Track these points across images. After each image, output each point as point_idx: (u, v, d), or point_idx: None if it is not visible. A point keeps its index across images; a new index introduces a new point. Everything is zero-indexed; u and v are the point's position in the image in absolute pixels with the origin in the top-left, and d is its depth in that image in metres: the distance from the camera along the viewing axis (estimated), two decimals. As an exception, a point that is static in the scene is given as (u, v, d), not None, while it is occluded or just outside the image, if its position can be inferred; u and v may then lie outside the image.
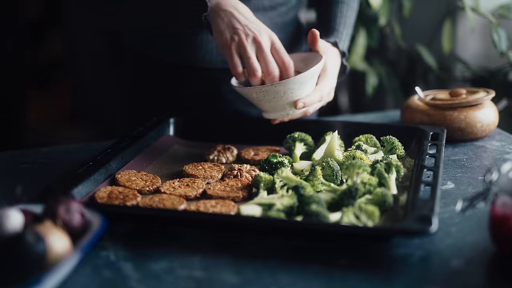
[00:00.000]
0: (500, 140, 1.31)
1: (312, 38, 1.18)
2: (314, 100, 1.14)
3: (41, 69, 3.70)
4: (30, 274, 0.75)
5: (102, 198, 1.01)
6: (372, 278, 0.82)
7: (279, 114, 1.15)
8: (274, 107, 1.14)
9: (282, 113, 1.15)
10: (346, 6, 1.36)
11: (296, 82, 1.10)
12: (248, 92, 1.14)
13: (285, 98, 1.12)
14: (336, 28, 1.31)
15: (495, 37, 1.85)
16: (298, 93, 1.12)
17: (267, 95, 1.11)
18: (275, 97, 1.12)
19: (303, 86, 1.11)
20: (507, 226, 0.84)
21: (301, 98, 1.12)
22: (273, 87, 1.10)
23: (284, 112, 1.15)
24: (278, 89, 1.10)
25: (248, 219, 0.94)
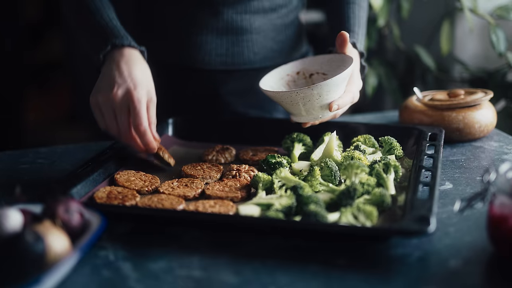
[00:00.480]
0: (498, 141, 1.31)
1: (342, 40, 1.18)
2: (347, 101, 1.14)
3: (39, 70, 3.70)
4: (29, 273, 0.75)
5: (101, 198, 1.01)
6: (370, 278, 0.83)
7: (311, 117, 1.14)
8: (307, 110, 1.13)
9: (314, 116, 1.14)
10: (358, 7, 1.35)
11: (332, 84, 1.09)
12: (281, 96, 1.12)
13: (320, 101, 1.11)
14: (352, 29, 1.31)
15: (493, 38, 1.86)
16: (332, 96, 1.11)
17: (301, 98, 1.10)
18: (310, 100, 1.10)
19: (337, 88, 1.11)
20: (505, 226, 0.84)
21: (334, 100, 1.12)
22: (309, 90, 1.09)
23: (316, 115, 1.14)
24: (315, 92, 1.09)
25: (247, 219, 0.94)
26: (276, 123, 1.32)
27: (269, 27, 1.40)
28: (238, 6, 1.35)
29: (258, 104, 1.47)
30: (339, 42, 1.19)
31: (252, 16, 1.37)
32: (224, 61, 1.39)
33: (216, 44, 1.38)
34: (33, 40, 3.61)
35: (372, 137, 1.20)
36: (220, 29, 1.36)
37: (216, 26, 1.36)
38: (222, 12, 1.34)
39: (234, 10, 1.35)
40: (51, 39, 3.70)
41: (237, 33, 1.38)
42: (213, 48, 1.38)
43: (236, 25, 1.37)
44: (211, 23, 1.36)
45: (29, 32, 3.51)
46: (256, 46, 1.40)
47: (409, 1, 2.09)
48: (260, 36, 1.39)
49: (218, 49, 1.38)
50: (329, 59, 1.22)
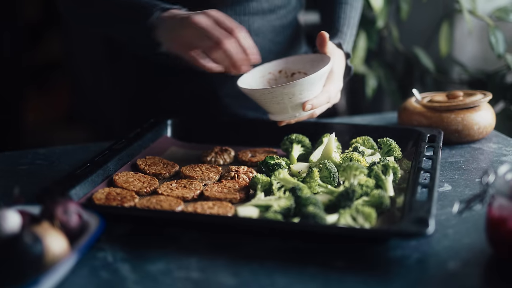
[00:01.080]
0: (497, 142, 1.31)
1: (321, 40, 1.18)
2: (322, 101, 1.14)
3: (39, 70, 3.70)
4: (28, 275, 0.75)
5: (100, 199, 1.01)
6: (369, 280, 0.83)
7: (286, 116, 1.15)
8: (282, 109, 1.13)
9: (289, 115, 1.14)
10: (350, 7, 1.35)
11: (304, 83, 1.09)
12: (255, 93, 1.13)
13: (293, 100, 1.11)
14: (340, 29, 1.31)
15: (492, 40, 1.86)
16: (306, 95, 1.11)
17: (275, 96, 1.11)
18: (283, 98, 1.11)
19: (312, 87, 1.11)
20: (504, 228, 0.84)
21: (309, 99, 1.12)
22: (281, 89, 1.09)
23: (291, 114, 1.14)
24: (287, 91, 1.09)
25: (245, 220, 0.94)
26: (274, 125, 1.32)
27: (268, 28, 1.40)
28: (237, 8, 1.35)
29: (257, 106, 1.47)
30: (319, 42, 1.19)
31: (251, 18, 1.37)
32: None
33: None
34: (32, 41, 3.61)
35: (371, 138, 1.20)
36: None
37: None
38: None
39: (232, 12, 1.35)
40: (50, 40, 3.70)
41: None
42: None
43: None
44: None
45: (28, 33, 3.52)
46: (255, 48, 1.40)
47: (408, 2, 2.09)
48: (258, 38, 1.39)
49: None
50: (311, 58, 1.22)
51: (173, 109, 1.41)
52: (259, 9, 1.37)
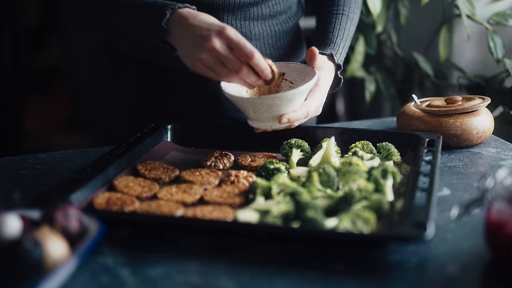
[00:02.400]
0: (495, 147, 1.31)
1: (310, 55, 1.19)
2: (300, 116, 1.14)
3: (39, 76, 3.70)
4: (28, 279, 0.75)
5: (100, 204, 1.01)
6: (368, 284, 0.83)
7: (262, 124, 1.16)
8: (259, 117, 1.14)
9: (265, 124, 1.15)
10: (346, 18, 1.36)
11: (283, 98, 1.10)
12: (235, 100, 1.15)
13: (270, 112, 1.12)
14: (333, 41, 1.31)
15: (491, 44, 1.87)
16: (284, 108, 1.12)
17: (253, 106, 1.12)
18: (261, 109, 1.12)
19: (290, 102, 1.11)
20: (503, 232, 0.84)
21: (286, 113, 1.12)
22: (259, 100, 1.10)
23: (268, 124, 1.15)
24: (265, 103, 1.10)
25: (245, 225, 0.95)
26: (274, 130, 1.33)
27: (269, 33, 1.40)
28: (238, 13, 1.35)
29: None
30: (308, 57, 1.19)
31: (252, 23, 1.38)
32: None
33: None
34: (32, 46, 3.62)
35: (370, 143, 1.20)
36: None
37: None
38: (222, 18, 1.35)
39: (234, 17, 1.35)
40: (50, 45, 3.71)
41: None
42: None
43: None
44: None
45: (28, 38, 3.52)
46: None
47: (407, 7, 2.09)
48: (259, 43, 1.40)
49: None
50: (300, 68, 1.21)
51: (174, 114, 1.41)
52: (259, 15, 1.37)
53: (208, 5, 1.32)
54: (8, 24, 3.18)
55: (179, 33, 1.14)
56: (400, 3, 2.09)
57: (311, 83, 1.13)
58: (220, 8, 1.33)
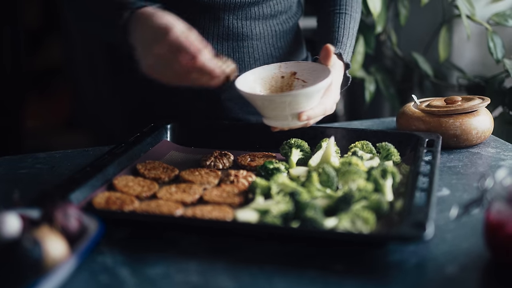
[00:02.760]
0: (495, 147, 1.32)
1: (326, 53, 1.19)
2: (318, 113, 1.15)
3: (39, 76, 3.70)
4: (27, 279, 0.75)
5: (100, 203, 1.01)
6: (368, 284, 0.83)
7: (280, 123, 1.15)
8: (277, 116, 1.14)
9: (283, 122, 1.14)
10: (349, 17, 1.36)
11: (303, 95, 1.09)
12: (253, 98, 1.14)
13: (290, 109, 1.11)
14: (340, 40, 1.31)
15: (490, 45, 1.87)
16: (303, 106, 1.11)
17: (272, 104, 1.11)
18: (280, 106, 1.11)
19: (309, 99, 1.11)
20: (502, 232, 0.84)
21: (305, 111, 1.12)
22: (279, 97, 1.10)
23: (286, 122, 1.14)
24: (284, 100, 1.10)
25: (244, 225, 0.95)
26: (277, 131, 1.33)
27: (269, 33, 1.41)
28: (239, 12, 1.36)
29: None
30: (323, 55, 1.19)
31: (253, 22, 1.38)
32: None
33: (217, 50, 1.38)
34: (32, 46, 3.62)
35: (370, 143, 1.21)
36: (221, 35, 1.37)
37: (217, 32, 1.37)
38: (223, 18, 1.35)
39: (234, 16, 1.36)
40: (50, 45, 3.71)
41: (238, 39, 1.38)
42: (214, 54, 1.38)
43: (237, 31, 1.37)
44: (212, 29, 1.36)
45: (28, 38, 3.52)
46: (257, 52, 1.41)
47: (407, 8, 2.09)
48: (260, 42, 1.40)
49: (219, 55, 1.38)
50: (311, 67, 1.21)
51: (175, 112, 1.41)
52: (260, 14, 1.37)
53: (208, 4, 1.32)
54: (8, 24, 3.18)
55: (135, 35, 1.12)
56: (400, 3, 2.09)
57: (329, 79, 1.12)
58: (220, 8, 1.34)
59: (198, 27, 1.37)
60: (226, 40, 1.38)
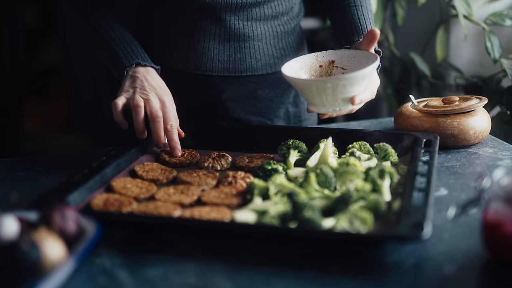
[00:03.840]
0: (493, 147, 1.32)
1: (372, 37, 1.18)
2: (368, 97, 1.15)
3: (37, 77, 3.70)
4: (25, 281, 0.75)
5: (98, 205, 1.01)
6: (365, 284, 0.83)
7: (330, 109, 1.13)
8: (327, 101, 1.12)
9: (333, 108, 1.13)
10: (366, 9, 1.36)
11: (356, 77, 1.08)
12: (305, 83, 1.12)
13: (342, 93, 1.10)
14: (364, 29, 1.31)
15: (488, 45, 1.87)
16: (355, 89, 1.10)
17: (326, 88, 1.09)
18: (334, 91, 1.09)
19: (361, 82, 1.10)
20: (500, 232, 0.84)
21: (358, 94, 1.11)
22: (335, 80, 1.08)
23: (335, 107, 1.13)
24: (338, 83, 1.08)
25: (242, 226, 0.95)
26: (272, 130, 1.33)
27: (271, 34, 1.41)
28: (241, 13, 1.36)
29: (259, 110, 1.48)
30: (369, 39, 1.18)
31: (254, 23, 1.38)
32: (226, 68, 1.40)
33: (218, 50, 1.39)
34: (31, 48, 3.62)
35: (368, 143, 1.21)
36: (223, 36, 1.37)
37: (218, 33, 1.37)
38: (224, 19, 1.35)
39: (236, 17, 1.36)
40: (49, 47, 3.71)
41: (240, 40, 1.38)
42: (216, 55, 1.38)
43: (239, 32, 1.37)
44: (214, 30, 1.37)
45: (27, 40, 3.52)
46: (258, 53, 1.41)
47: (404, 8, 2.10)
48: (262, 43, 1.40)
49: (220, 56, 1.39)
50: (350, 54, 1.21)
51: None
52: (261, 15, 1.38)
53: (210, 5, 1.33)
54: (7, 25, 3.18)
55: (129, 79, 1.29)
56: (397, 3, 2.09)
57: (377, 63, 1.12)
58: (222, 8, 1.34)
59: (199, 28, 1.37)
60: (228, 40, 1.38)
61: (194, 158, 1.23)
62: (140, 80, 1.27)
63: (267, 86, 1.46)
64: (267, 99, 1.47)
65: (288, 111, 1.52)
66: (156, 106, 1.23)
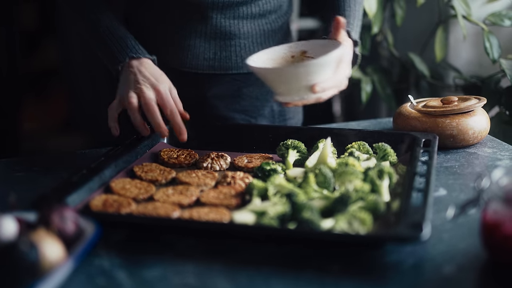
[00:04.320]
0: (491, 147, 1.32)
1: (337, 23, 1.18)
2: (331, 85, 1.14)
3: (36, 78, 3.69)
4: (24, 282, 0.75)
5: (97, 206, 1.01)
6: (365, 285, 0.83)
7: (292, 97, 1.13)
8: (290, 90, 1.12)
9: (297, 97, 1.13)
10: (354, 1, 1.36)
11: (316, 65, 1.08)
12: (266, 72, 1.13)
13: (303, 81, 1.10)
14: (347, 20, 1.31)
15: (486, 45, 1.87)
16: (316, 77, 1.10)
17: (284, 76, 1.10)
18: (294, 79, 1.10)
19: (322, 70, 1.10)
20: (499, 232, 0.84)
21: (318, 82, 1.11)
22: (293, 69, 1.09)
23: (299, 96, 1.13)
24: (298, 71, 1.09)
25: (241, 227, 0.95)
26: (271, 130, 1.33)
27: (258, 32, 1.41)
28: (227, 11, 1.36)
29: (244, 109, 1.47)
30: (334, 26, 1.19)
31: (241, 21, 1.38)
32: (212, 65, 1.40)
33: (204, 48, 1.39)
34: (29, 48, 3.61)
35: (366, 143, 1.21)
36: (209, 34, 1.37)
37: (204, 31, 1.37)
38: (211, 17, 1.35)
39: (222, 15, 1.36)
40: (47, 47, 3.70)
41: (225, 38, 1.38)
42: (201, 52, 1.38)
43: (225, 30, 1.37)
44: (200, 28, 1.37)
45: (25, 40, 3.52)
46: (244, 51, 1.41)
47: (403, 8, 2.10)
48: (248, 41, 1.40)
49: (206, 53, 1.39)
50: (321, 44, 1.21)
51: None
52: (249, 14, 1.37)
53: (196, 3, 1.32)
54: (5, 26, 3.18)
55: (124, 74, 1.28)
56: (396, 3, 2.09)
57: (340, 50, 1.12)
58: (208, 7, 1.34)
59: (185, 26, 1.37)
60: (214, 38, 1.38)
61: (193, 158, 1.23)
62: (133, 74, 1.25)
63: (252, 85, 1.46)
64: (252, 97, 1.47)
65: (273, 109, 1.51)
66: (148, 96, 1.21)
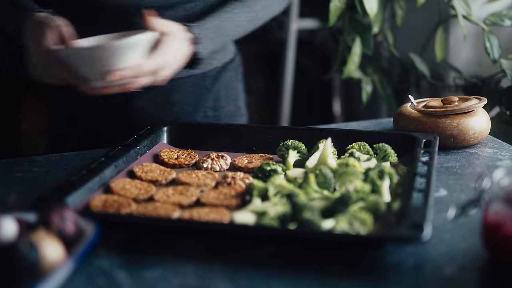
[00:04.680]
0: (492, 147, 1.32)
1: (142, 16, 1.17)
2: (127, 74, 1.12)
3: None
4: (23, 283, 0.75)
5: (97, 206, 1.01)
6: (365, 285, 0.83)
7: (98, 83, 1.13)
8: (92, 74, 1.12)
9: (99, 82, 1.13)
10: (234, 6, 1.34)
11: (106, 49, 1.08)
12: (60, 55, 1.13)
13: (101, 66, 1.10)
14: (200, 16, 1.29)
15: (487, 45, 1.87)
16: (112, 63, 1.10)
17: (78, 58, 1.11)
18: (88, 62, 1.10)
19: (119, 55, 1.09)
20: (500, 233, 0.84)
21: (115, 69, 1.10)
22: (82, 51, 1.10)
23: (101, 82, 1.13)
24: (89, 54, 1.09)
25: (242, 227, 0.95)
26: (270, 131, 1.33)
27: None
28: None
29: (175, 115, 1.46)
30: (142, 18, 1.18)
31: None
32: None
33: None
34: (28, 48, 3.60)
35: (367, 144, 1.20)
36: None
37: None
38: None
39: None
40: (46, 47, 3.69)
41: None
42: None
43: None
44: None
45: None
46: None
47: (403, 8, 2.10)
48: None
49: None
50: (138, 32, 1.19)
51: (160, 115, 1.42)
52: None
53: (121, 9, 1.30)
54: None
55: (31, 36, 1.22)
56: (396, 4, 2.09)
57: (138, 37, 1.11)
58: (133, 12, 1.31)
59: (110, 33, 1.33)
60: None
61: (193, 159, 1.23)
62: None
63: (181, 91, 1.44)
64: (183, 103, 1.46)
65: (207, 115, 1.50)
66: None
